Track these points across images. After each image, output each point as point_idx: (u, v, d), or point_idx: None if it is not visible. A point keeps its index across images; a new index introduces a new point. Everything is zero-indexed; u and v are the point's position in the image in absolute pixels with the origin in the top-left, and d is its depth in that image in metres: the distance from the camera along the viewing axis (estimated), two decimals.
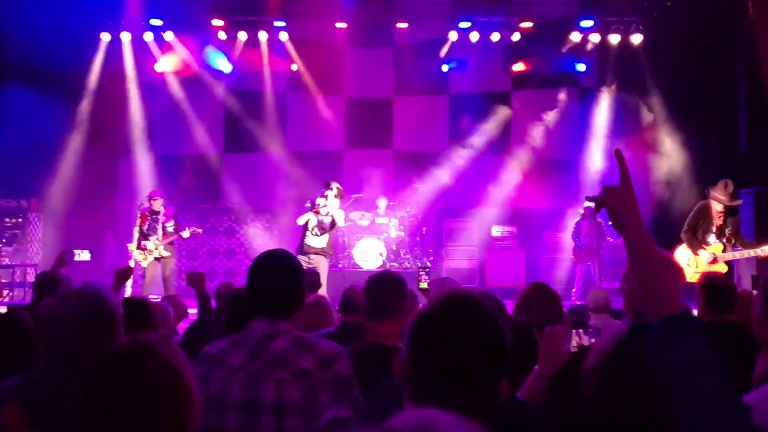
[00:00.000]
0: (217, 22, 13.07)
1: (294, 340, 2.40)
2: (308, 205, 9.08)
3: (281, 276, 2.50)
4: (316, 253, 8.74)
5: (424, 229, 13.11)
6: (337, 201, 9.13)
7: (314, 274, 5.72)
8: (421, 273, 4.57)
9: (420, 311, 1.54)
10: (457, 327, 1.46)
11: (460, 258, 13.40)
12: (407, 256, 12.67)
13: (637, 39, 12.87)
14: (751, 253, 7.32)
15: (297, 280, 2.53)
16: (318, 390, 2.31)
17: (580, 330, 2.62)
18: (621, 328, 2.23)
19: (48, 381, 2.28)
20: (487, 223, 13.49)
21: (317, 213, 8.92)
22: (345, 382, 2.37)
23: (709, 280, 3.84)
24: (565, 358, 2.52)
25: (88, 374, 1.60)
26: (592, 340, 2.61)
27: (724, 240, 7.47)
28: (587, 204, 10.97)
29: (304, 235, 8.97)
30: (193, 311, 5.87)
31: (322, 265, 8.66)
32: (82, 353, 2.27)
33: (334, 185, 9.12)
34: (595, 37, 13.08)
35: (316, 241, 8.89)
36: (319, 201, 8.91)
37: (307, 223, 9.03)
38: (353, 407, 2.38)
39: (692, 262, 7.48)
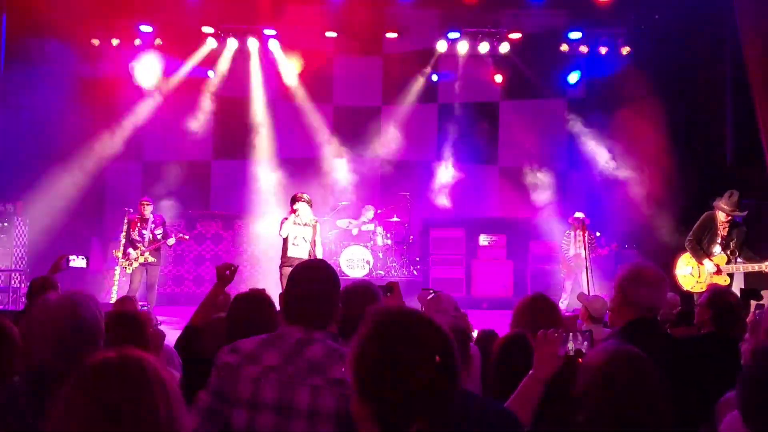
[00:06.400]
0: (207, 29, 13.04)
1: (329, 349, 2.40)
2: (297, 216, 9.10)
3: (318, 287, 2.50)
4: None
5: (411, 237, 13.08)
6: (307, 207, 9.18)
7: None
8: (431, 294, 4.47)
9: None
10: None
11: (447, 267, 13.37)
12: (394, 264, 12.66)
13: (624, 51, 12.96)
14: (755, 267, 7.24)
15: (332, 292, 2.53)
16: (350, 400, 2.30)
17: (575, 334, 2.58)
18: (612, 345, 2.23)
19: (20, 397, 2.21)
20: (474, 232, 13.48)
21: (295, 222, 9.01)
22: None
23: (719, 296, 3.81)
24: (560, 363, 2.50)
25: (70, 383, 1.56)
26: (585, 343, 2.58)
27: (729, 252, 7.46)
28: (577, 215, 11.01)
29: (286, 247, 9.06)
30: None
31: None
32: (59, 367, 2.19)
33: (304, 195, 9.20)
34: (583, 49, 13.16)
35: (297, 251, 8.99)
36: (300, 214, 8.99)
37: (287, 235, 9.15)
38: None
39: (695, 272, 7.48)
